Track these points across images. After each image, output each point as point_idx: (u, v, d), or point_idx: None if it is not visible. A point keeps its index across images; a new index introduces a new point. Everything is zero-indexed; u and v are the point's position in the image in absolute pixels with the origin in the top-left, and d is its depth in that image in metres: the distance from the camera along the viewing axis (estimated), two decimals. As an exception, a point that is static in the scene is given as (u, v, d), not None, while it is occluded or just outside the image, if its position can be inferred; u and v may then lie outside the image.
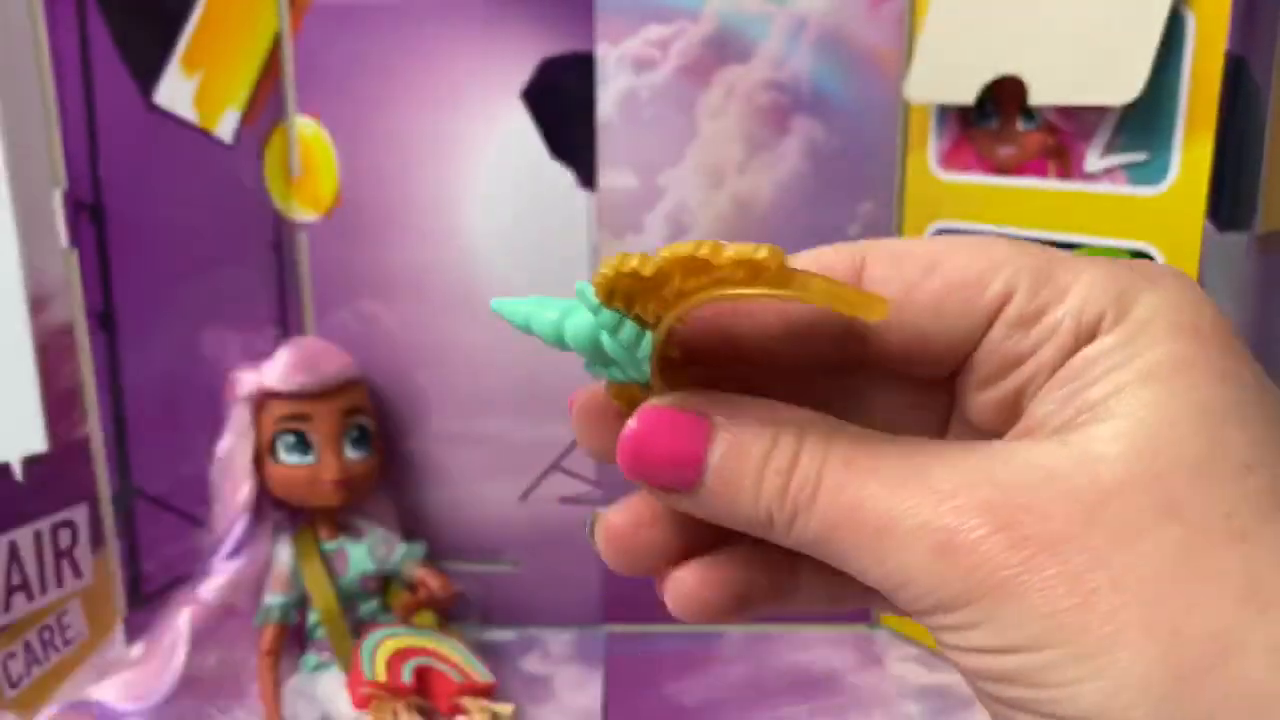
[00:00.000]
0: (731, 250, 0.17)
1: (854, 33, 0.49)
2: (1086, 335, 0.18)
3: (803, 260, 0.20)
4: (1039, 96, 0.42)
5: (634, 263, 0.17)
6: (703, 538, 0.22)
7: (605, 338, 0.19)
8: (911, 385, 0.22)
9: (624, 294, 0.18)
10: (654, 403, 0.20)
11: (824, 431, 0.19)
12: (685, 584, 0.22)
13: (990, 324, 0.19)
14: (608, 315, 0.19)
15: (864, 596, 0.22)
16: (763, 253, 0.17)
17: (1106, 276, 0.18)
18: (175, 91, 0.48)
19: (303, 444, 0.49)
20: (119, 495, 0.48)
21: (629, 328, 0.19)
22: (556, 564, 0.55)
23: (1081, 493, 0.17)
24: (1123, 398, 0.17)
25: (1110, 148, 0.42)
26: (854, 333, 0.20)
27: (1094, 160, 0.42)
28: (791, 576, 0.22)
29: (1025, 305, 0.19)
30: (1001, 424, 0.20)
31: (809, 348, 0.21)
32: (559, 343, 0.20)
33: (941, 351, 0.20)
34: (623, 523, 0.22)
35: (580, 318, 0.19)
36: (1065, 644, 0.16)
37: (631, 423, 0.20)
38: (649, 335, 0.19)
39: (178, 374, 0.50)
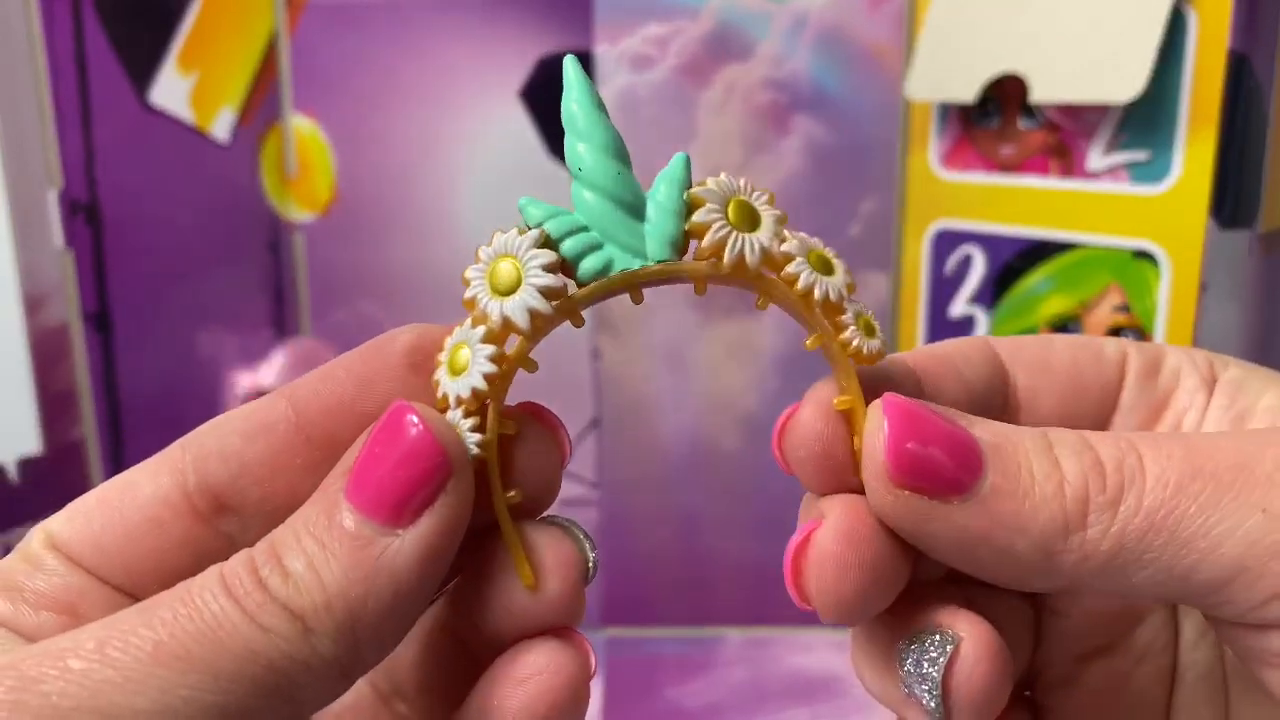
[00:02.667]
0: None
1: (854, 31, 0.49)
2: (1210, 372, 0.20)
3: (939, 350, 0.20)
4: (1040, 95, 0.41)
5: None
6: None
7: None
8: None
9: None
10: (892, 396, 0.17)
11: None
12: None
13: (1121, 377, 0.20)
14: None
15: None
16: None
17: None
18: (171, 91, 0.48)
19: (299, 445, 0.48)
20: (114, 497, 0.48)
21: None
22: (555, 566, 0.55)
23: None
24: None
25: (1112, 146, 0.41)
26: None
27: (1096, 159, 0.42)
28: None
29: (1142, 361, 0.20)
30: None
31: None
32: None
33: (1090, 408, 0.20)
34: (834, 542, 0.17)
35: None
36: None
37: (883, 418, 0.17)
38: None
39: (173, 375, 0.49)
